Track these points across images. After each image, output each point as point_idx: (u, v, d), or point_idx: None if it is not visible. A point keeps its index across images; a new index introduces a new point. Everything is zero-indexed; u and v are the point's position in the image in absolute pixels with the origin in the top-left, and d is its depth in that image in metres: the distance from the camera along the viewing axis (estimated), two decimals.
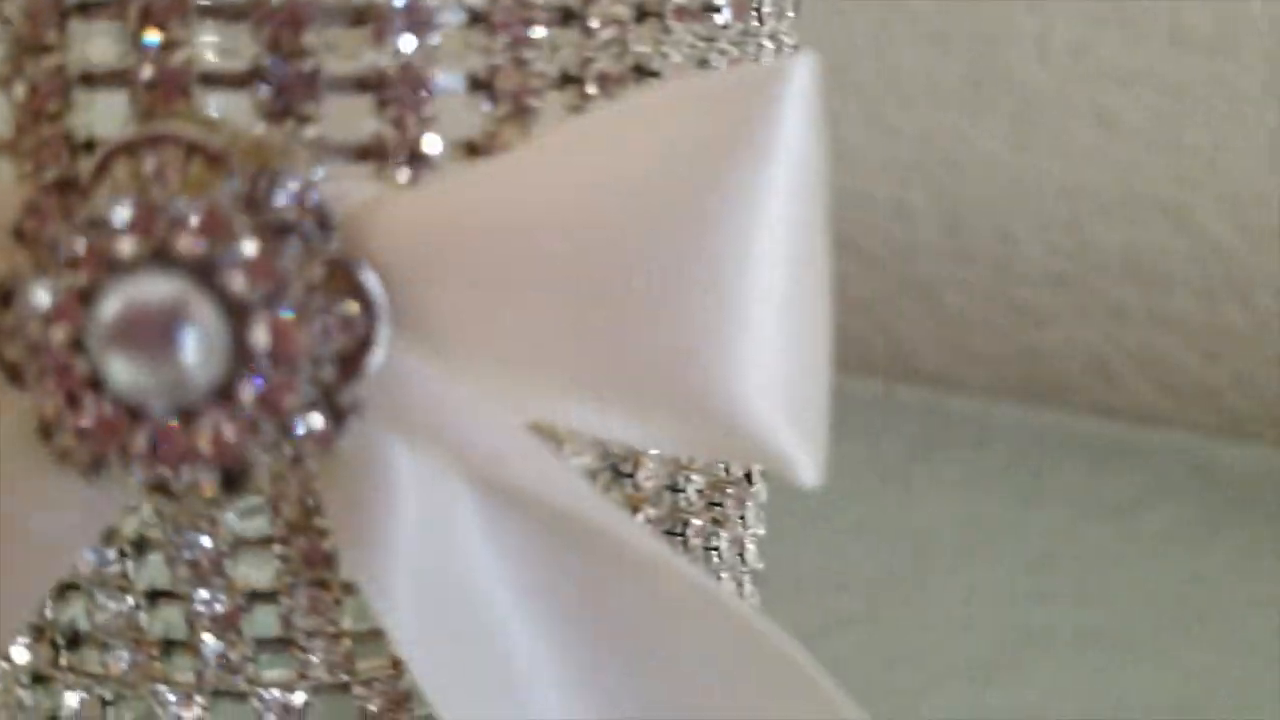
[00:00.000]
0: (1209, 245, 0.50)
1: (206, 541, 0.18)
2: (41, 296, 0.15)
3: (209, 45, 0.17)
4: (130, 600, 0.19)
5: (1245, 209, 0.49)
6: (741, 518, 0.24)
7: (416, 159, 0.16)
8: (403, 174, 0.16)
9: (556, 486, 0.17)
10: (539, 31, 0.16)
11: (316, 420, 0.16)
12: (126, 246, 0.14)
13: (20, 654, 0.20)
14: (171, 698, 0.19)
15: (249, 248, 0.15)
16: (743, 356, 0.16)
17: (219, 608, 0.19)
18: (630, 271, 0.16)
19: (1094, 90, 0.51)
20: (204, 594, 0.19)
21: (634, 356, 0.16)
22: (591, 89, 0.17)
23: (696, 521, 0.22)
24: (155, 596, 0.19)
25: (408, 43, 0.16)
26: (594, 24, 0.17)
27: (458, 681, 0.17)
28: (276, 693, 0.19)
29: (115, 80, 0.16)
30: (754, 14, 0.19)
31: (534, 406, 0.17)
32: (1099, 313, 0.52)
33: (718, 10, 0.18)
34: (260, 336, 0.15)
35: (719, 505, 0.23)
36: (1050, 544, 0.39)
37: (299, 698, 0.19)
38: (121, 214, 0.14)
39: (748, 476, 0.23)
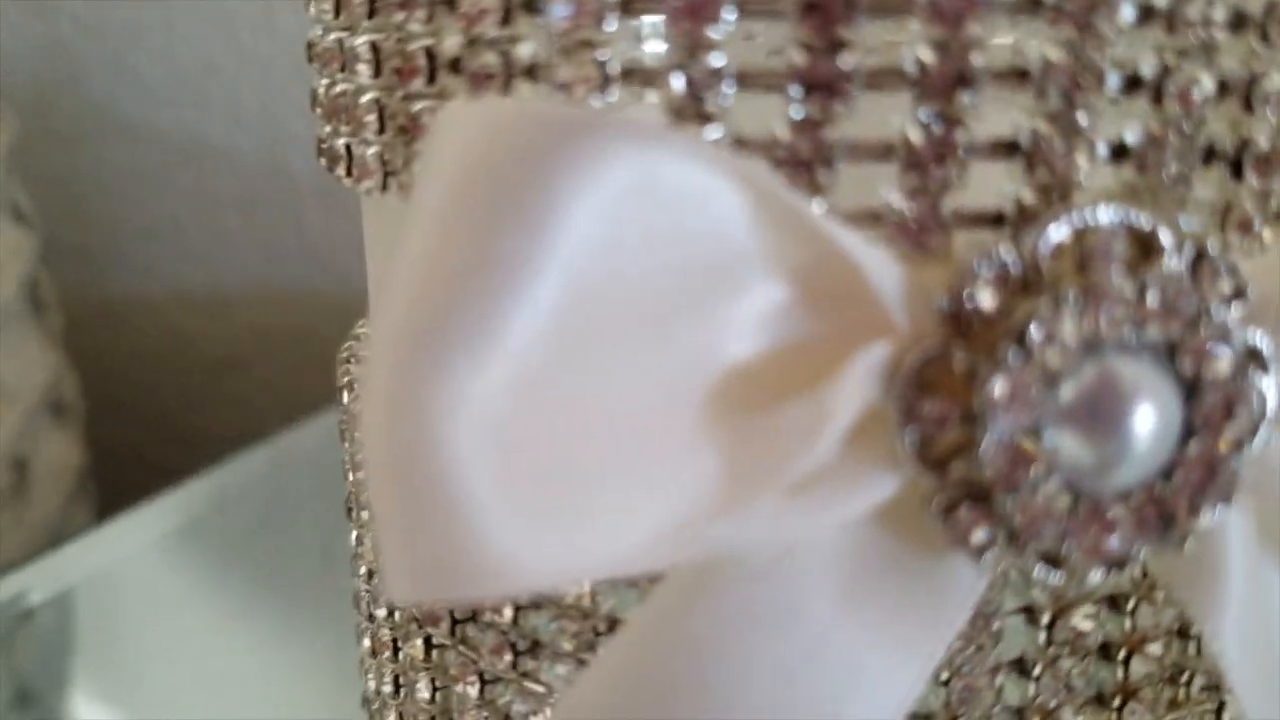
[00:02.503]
0: None
1: None
2: (1001, 385, 0.15)
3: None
4: None
5: None
6: None
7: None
8: (1268, 234, 0.16)
9: None
10: None
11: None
12: (1115, 329, 0.14)
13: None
14: None
15: (1201, 331, 0.15)
16: None
17: None
18: None
19: None
20: None
21: None
22: None
23: None
24: None
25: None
26: None
27: None
28: None
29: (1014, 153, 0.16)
30: None
31: None
32: None
33: None
34: (1215, 422, 0.15)
35: None
36: None
37: None
38: (1122, 295, 0.14)
39: None
